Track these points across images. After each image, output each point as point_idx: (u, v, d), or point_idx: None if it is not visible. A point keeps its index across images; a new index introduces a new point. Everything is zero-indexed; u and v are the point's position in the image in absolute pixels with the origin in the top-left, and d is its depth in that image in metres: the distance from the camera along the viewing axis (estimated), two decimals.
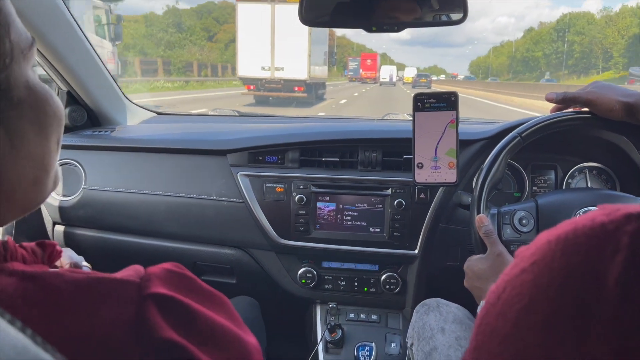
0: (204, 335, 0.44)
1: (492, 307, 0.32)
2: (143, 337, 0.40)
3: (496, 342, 0.31)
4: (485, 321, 0.32)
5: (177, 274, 0.48)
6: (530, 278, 0.30)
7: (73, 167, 1.58)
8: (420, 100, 1.15)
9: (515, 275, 0.32)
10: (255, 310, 1.39)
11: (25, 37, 0.47)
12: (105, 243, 1.58)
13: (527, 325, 0.29)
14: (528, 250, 0.32)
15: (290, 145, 1.46)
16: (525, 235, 1.05)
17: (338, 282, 1.47)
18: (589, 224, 0.29)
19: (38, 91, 0.47)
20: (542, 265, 0.30)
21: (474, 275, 0.96)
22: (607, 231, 0.28)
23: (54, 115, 0.49)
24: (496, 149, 1.08)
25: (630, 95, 0.95)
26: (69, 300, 0.40)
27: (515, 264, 0.33)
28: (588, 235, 0.29)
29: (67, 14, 1.43)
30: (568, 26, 79.06)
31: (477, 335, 0.33)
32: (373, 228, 1.39)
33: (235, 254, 1.50)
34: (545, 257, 0.30)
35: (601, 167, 1.39)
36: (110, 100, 1.78)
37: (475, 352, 0.33)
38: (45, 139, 0.48)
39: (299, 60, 15.70)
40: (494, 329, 0.31)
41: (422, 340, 1.08)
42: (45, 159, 0.49)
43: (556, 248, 0.30)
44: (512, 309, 0.30)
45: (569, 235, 0.30)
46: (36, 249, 0.51)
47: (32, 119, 0.46)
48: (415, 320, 1.16)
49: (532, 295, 0.29)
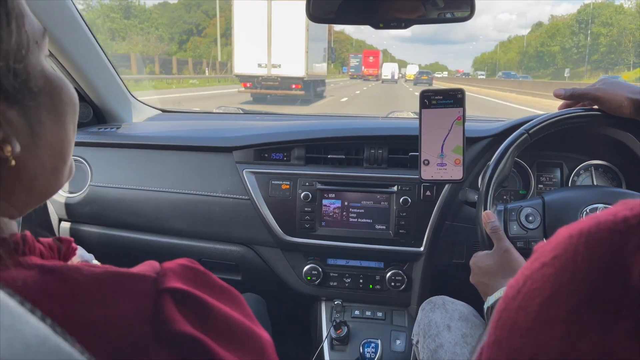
0: (219, 329, 0.44)
1: (511, 301, 0.32)
2: (160, 331, 0.40)
3: (517, 336, 0.31)
4: (505, 315, 0.32)
5: (192, 269, 0.48)
6: (552, 272, 0.30)
7: (79, 164, 1.58)
8: (426, 97, 1.15)
9: (536, 270, 0.31)
10: (261, 307, 1.39)
11: (38, 27, 0.47)
12: (111, 240, 1.58)
13: (549, 318, 0.29)
14: (548, 245, 0.32)
15: (296, 143, 1.46)
16: (532, 232, 1.05)
17: (343, 279, 1.47)
18: (612, 218, 0.29)
19: (54, 80, 0.48)
20: (563, 260, 0.30)
21: (480, 272, 0.96)
22: (630, 225, 0.28)
23: (70, 102, 0.50)
24: (503, 146, 1.07)
25: (639, 93, 0.94)
26: (87, 293, 0.40)
27: (535, 258, 0.33)
28: (611, 229, 0.29)
29: (75, 11, 1.44)
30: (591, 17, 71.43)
31: (496, 329, 0.33)
32: (378, 225, 1.39)
33: (240, 250, 1.50)
34: (567, 251, 0.30)
35: (607, 165, 1.38)
36: (116, 97, 1.78)
37: (495, 346, 0.33)
38: (62, 127, 0.49)
39: (297, 57, 15.23)
40: (515, 322, 0.31)
41: (428, 338, 1.08)
42: (64, 147, 0.50)
43: (578, 242, 0.30)
44: (533, 302, 0.30)
45: (592, 230, 0.29)
46: (53, 244, 0.52)
47: (50, 107, 0.47)
48: (420, 317, 1.16)
49: (553, 288, 0.29)
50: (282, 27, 14.93)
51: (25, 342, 0.29)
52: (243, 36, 15.39)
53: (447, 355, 1.00)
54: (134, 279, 0.43)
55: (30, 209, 0.49)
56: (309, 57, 15.51)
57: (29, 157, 0.45)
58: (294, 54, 15.13)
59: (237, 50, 15.66)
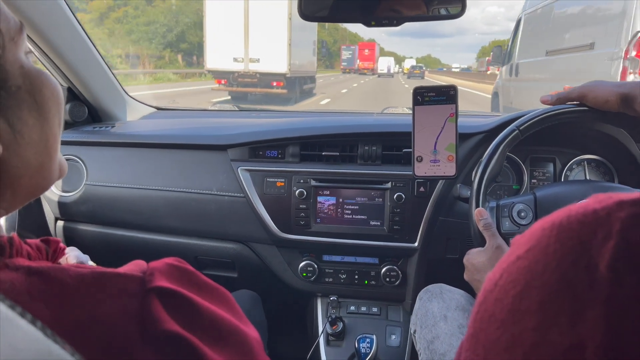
0: (206, 328, 0.45)
1: (489, 294, 0.33)
2: (147, 330, 0.41)
3: (493, 328, 0.31)
4: (483, 308, 0.33)
5: (179, 268, 0.48)
6: (525, 264, 0.31)
7: (74, 163, 1.59)
8: (419, 94, 1.15)
9: (511, 262, 0.32)
10: (257, 304, 1.40)
11: (14, 23, 0.46)
12: (107, 238, 1.59)
13: (522, 310, 0.30)
14: (523, 238, 0.33)
15: (291, 140, 1.46)
16: (524, 228, 1.06)
17: (339, 275, 1.48)
18: (582, 210, 0.30)
19: (33, 75, 0.47)
20: (536, 252, 0.31)
21: (474, 268, 0.97)
22: (598, 217, 0.29)
23: (52, 96, 0.49)
24: (495, 142, 1.08)
25: (623, 86, 0.95)
26: (74, 293, 0.40)
27: (511, 251, 0.33)
28: (581, 221, 0.29)
29: (67, 10, 1.44)
30: None
31: (475, 322, 0.34)
32: (373, 221, 1.40)
33: (236, 248, 1.51)
34: (540, 243, 0.31)
35: (599, 159, 1.39)
36: (111, 95, 1.78)
37: (473, 338, 0.34)
38: (46, 123, 0.48)
39: (277, 51, 13.26)
40: (492, 314, 0.32)
41: (425, 328, 1.09)
42: (49, 143, 0.49)
43: (550, 234, 0.30)
44: (508, 294, 0.31)
45: (563, 222, 0.30)
46: (40, 245, 0.52)
47: (31, 104, 0.46)
48: (418, 307, 1.16)
49: (527, 280, 0.30)
50: (261, 16, 13.06)
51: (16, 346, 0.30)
52: (216, 25, 13.34)
53: (443, 346, 1.00)
54: (121, 278, 0.43)
55: (17, 207, 0.48)
56: (292, 51, 13.62)
57: (12, 156, 0.45)
58: (274, 47, 13.27)
59: (210, 42, 13.58)
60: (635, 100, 0.93)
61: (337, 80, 36.37)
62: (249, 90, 14.14)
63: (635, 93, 0.93)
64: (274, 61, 13.36)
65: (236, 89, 14.03)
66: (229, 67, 13.62)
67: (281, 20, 13.09)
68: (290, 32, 13.21)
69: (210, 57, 13.73)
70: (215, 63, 13.73)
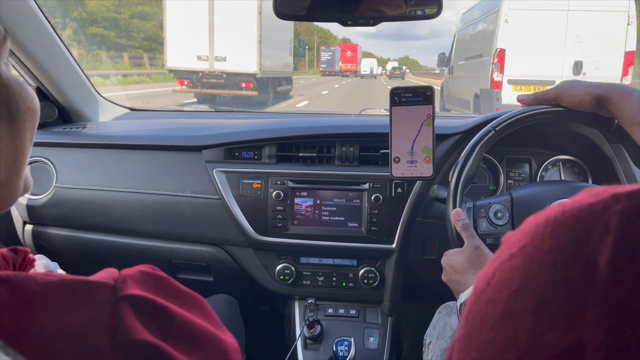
0: (180, 336, 0.44)
1: (481, 294, 0.32)
2: (118, 339, 0.39)
3: (487, 329, 0.30)
4: (475, 308, 0.32)
5: (152, 275, 0.47)
6: (519, 262, 0.30)
7: (43, 165, 1.54)
8: (397, 95, 1.15)
9: (504, 261, 0.31)
10: (234, 308, 1.38)
11: None
12: (79, 242, 1.54)
13: (517, 310, 0.29)
14: (516, 235, 0.32)
15: (267, 141, 1.45)
16: (501, 228, 1.06)
17: (316, 277, 1.46)
18: (577, 205, 0.29)
19: (11, 85, 0.46)
20: (530, 249, 0.29)
21: (452, 269, 0.97)
22: (595, 212, 0.28)
23: (28, 110, 0.48)
24: (471, 143, 1.09)
25: (598, 87, 0.96)
26: (41, 302, 0.39)
27: (503, 249, 0.32)
28: (576, 216, 0.28)
29: (35, 7, 1.39)
30: None
31: (467, 322, 0.33)
32: (351, 223, 1.39)
33: (212, 251, 1.48)
34: (534, 240, 0.30)
35: (574, 159, 1.41)
36: (82, 96, 1.73)
37: (465, 339, 0.32)
38: (17, 137, 0.47)
39: (246, 49, 11.86)
40: (484, 315, 0.31)
41: (441, 339, 1.10)
42: (18, 157, 0.48)
43: (545, 231, 0.29)
44: (502, 294, 0.30)
45: (558, 218, 0.29)
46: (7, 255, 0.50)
47: (5, 116, 0.45)
48: (437, 320, 1.18)
49: (522, 279, 0.29)
50: (228, 9, 11.70)
51: None
52: (177, 19, 11.88)
53: None
54: (91, 287, 0.41)
55: None
56: (264, 49, 12.21)
57: None
58: (242, 44, 11.89)
59: (170, 38, 12.03)
60: (610, 102, 0.94)
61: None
62: (215, 92, 12.78)
63: (609, 94, 0.94)
64: (243, 60, 12.00)
65: (201, 90, 12.57)
66: (192, 66, 12.12)
67: (249, 15, 11.78)
68: (260, 29, 11.87)
69: (170, 55, 12.16)
70: (177, 62, 12.16)
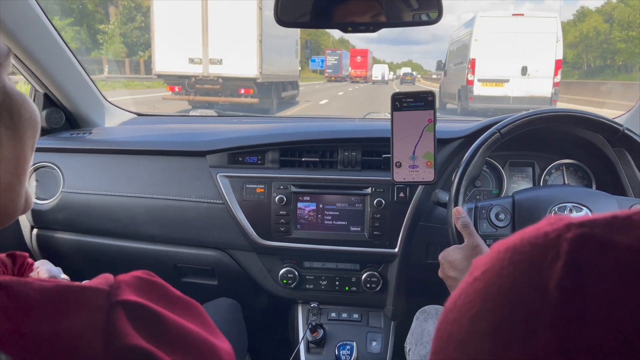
0: (173, 342, 0.44)
1: (449, 313, 0.33)
2: (111, 345, 0.40)
3: (452, 347, 0.31)
4: (444, 326, 0.33)
5: (147, 281, 0.48)
6: (481, 286, 0.31)
7: (50, 170, 1.56)
8: (398, 100, 1.16)
9: (469, 284, 0.32)
10: (237, 312, 1.38)
11: (3, 48, 0.48)
12: (85, 246, 1.56)
13: (478, 332, 0.30)
14: (482, 260, 0.33)
15: (270, 146, 1.46)
16: (502, 230, 1.06)
17: (319, 281, 1.47)
18: (534, 233, 0.30)
19: (14, 95, 0.48)
20: (491, 274, 0.31)
21: (449, 265, 0.97)
22: (549, 239, 0.29)
23: (30, 119, 0.50)
24: (475, 144, 1.09)
25: None
26: (37, 307, 0.40)
27: (470, 272, 0.34)
28: (532, 243, 0.30)
29: (42, 15, 1.42)
30: None
31: (437, 339, 0.34)
32: (353, 227, 1.40)
33: (216, 255, 1.49)
34: (495, 266, 0.31)
35: (577, 164, 1.41)
36: (89, 101, 1.76)
37: (435, 356, 0.34)
38: (19, 143, 0.48)
39: (245, 50, 10.36)
40: (450, 334, 0.32)
41: (419, 345, 1.11)
42: (19, 163, 0.49)
43: (504, 257, 0.31)
44: (465, 315, 0.31)
45: (517, 244, 0.31)
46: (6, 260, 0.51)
47: (8, 123, 0.47)
48: (414, 326, 1.18)
49: (482, 302, 0.30)
50: (223, 6, 10.23)
51: None
52: (167, 17, 10.41)
53: None
54: (86, 292, 0.42)
55: None
56: (265, 50, 10.70)
57: None
58: (241, 45, 10.36)
59: (159, 38, 10.52)
60: None
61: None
62: (211, 99, 11.15)
63: None
64: (241, 63, 10.48)
65: (194, 97, 11.02)
66: (184, 70, 10.66)
67: (248, 12, 10.28)
68: (260, 27, 10.35)
69: (159, 58, 10.64)
70: (166, 65, 10.66)
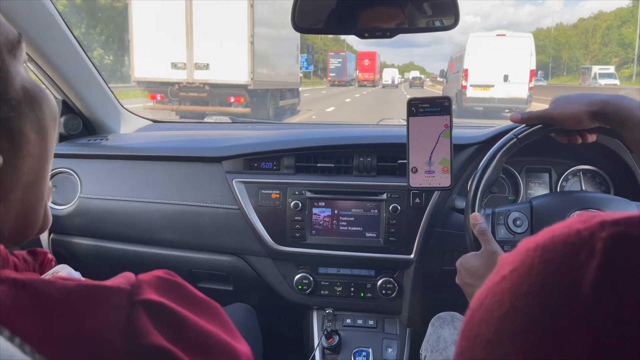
0: (193, 342, 0.44)
1: (475, 313, 0.33)
2: (132, 343, 0.40)
3: (480, 348, 0.31)
4: (469, 327, 0.33)
5: (168, 281, 0.48)
6: (509, 285, 0.31)
7: (68, 176, 1.58)
8: (414, 105, 1.15)
9: (496, 282, 0.32)
10: (252, 318, 1.38)
11: (13, 35, 0.46)
12: (102, 251, 1.57)
13: (507, 331, 0.29)
14: (509, 257, 0.33)
15: (286, 152, 1.46)
16: (519, 236, 1.05)
17: (334, 287, 1.47)
18: (566, 231, 0.30)
19: (33, 90, 0.47)
20: (520, 272, 0.30)
21: (466, 272, 0.96)
22: (582, 237, 0.29)
23: (50, 113, 0.50)
24: (493, 150, 1.08)
25: (593, 104, 0.92)
26: (60, 307, 0.40)
27: (497, 271, 0.33)
28: (564, 242, 0.29)
29: (61, 22, 1.44)
30: None
31: (462, 340, 0.33)
32: (369, 233, 1.39)
33: (231, 260, 1.49)
34: (524, 264, 0.30)
35: (595, 170, 1.39)
36: (106, 108, 1.78)
37: (460, 357, 0.33)
38: (44, 140, 0.49)
39: (234, 53, 9.29)
40: (477, 334, 0.31)
41: (436, 352, 1.10)
42: (43, 159, 0.50)
43: (534, 255, 0.30)
44: (494, 315, 0.31)
45: (547, 242, 0.30)
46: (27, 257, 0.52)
47: (32, 118, 0.47)
48: (430, 333, 1.18)
49: (511, 302, 0.30)
50: (210, 5, 9.14)
51: None
52: (147, 20, 9.33)
53: None
54: (107, 291, 0.43)
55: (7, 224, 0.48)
56: (258, 53, 9.64)
57: (9, 168, 0.45)
58: (230, 47, 9.29)
59: (138, 42, 9.48)
60: (606, 118, 0.90)
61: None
62: (197, 108, 10.08)
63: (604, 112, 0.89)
64: (230, 68, 9.40)
65: (178, 107, 9.97)
66: (166, 77, 9.59)
67: (238, 10, 9.21)
68: (252, 27, 9.30)
69: (138, 63, 9.60)
70: (146, 71, 9.63)
